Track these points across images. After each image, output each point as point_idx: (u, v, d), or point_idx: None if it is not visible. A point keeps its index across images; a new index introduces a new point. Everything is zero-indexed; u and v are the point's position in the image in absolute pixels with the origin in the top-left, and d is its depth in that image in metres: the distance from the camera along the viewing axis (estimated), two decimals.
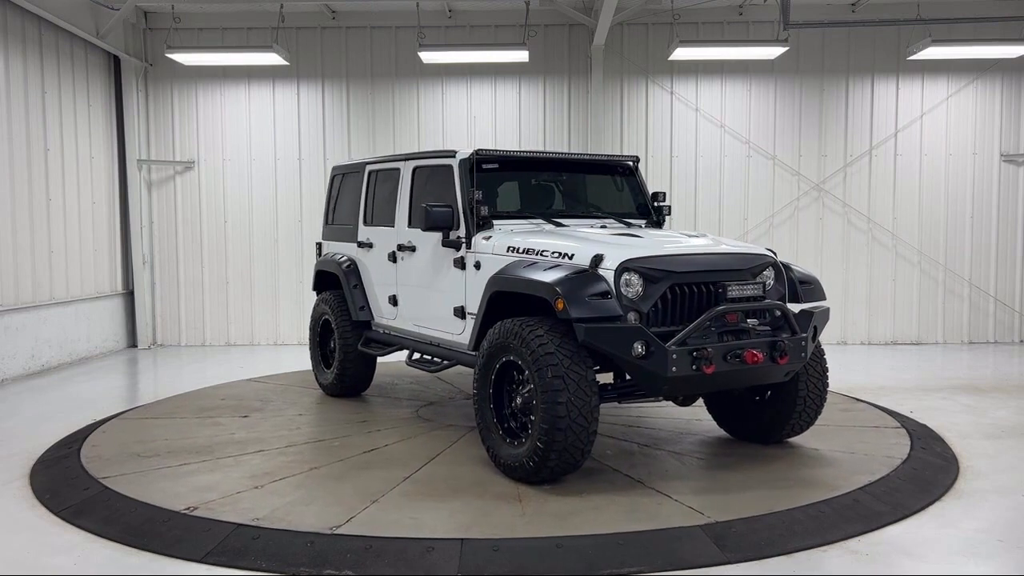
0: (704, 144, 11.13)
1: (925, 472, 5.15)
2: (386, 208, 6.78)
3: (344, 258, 7.29)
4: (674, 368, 4.48)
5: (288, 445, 5.75)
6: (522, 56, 10.09)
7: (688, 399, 5.46)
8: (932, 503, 4.65)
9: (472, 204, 5.60)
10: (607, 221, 6.10)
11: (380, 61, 11.15)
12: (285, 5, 10.35)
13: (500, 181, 6.12)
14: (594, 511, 4.40)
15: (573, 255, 4.86)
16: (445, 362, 6.17)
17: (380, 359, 7.47)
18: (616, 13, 9.88)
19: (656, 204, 6.49)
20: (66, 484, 4.98)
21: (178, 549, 4.02)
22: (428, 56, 10.09)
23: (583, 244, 4.93)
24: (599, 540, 4.02)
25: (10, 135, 8.85)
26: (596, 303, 4.51)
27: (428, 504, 4.52)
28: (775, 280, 5.23)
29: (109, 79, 10.89)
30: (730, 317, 4.81)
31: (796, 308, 5.16)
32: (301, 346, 10.30)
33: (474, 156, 5.76)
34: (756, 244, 6.22)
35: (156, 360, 10.28)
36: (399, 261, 6.54)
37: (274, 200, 11.24)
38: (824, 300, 5.47)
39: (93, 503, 4.63)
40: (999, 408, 7.10)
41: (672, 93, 11.09)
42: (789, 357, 4.81)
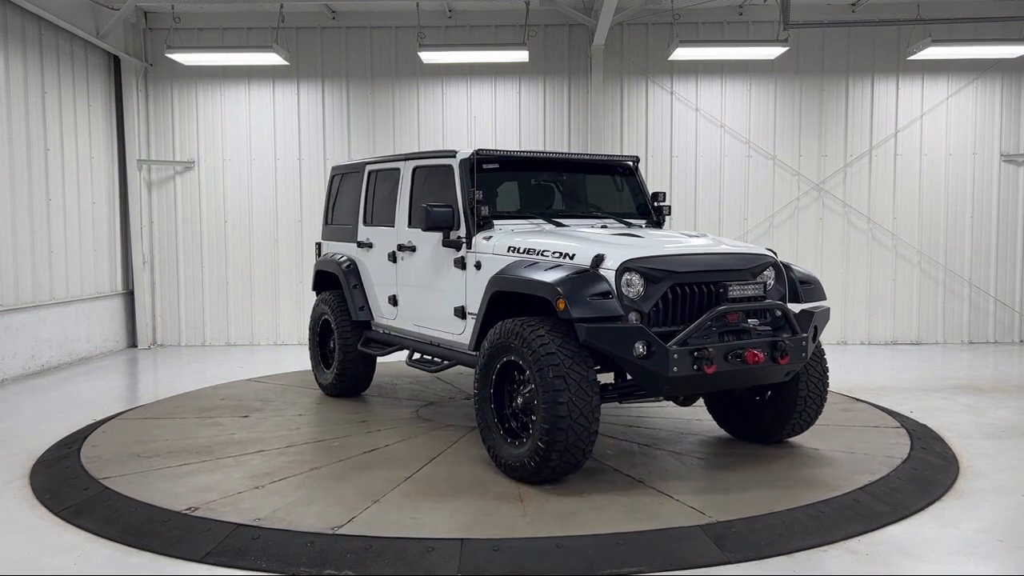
0: (704, 144, 11.13)
1: (925, 472, 5.16)
2: (386, 208, 6.78)
3: (344, 258, 7.29)
4: (675, 368, 4.48)
5: (288, 445, 5.75)
6: (522, 56, 10.09)
7: (689, 399, 5.47)
8: (932, 503, 4.65)
9: (472, 204, 5.60)
10: (607, 221, 6.10)
11: (380, 61, 11.15)
12: (285, 5, 10.35)
13: (500, 181, 6.12)
14: (595, 511, 4.39)
15: (574, 255, 4.85)
16: (445, 362, 6.17)
17: (379, 359, 7.47)
18: (616, 13, 9.88)
19: (656, 204, 6.49)
20: (66, 484, 4.98)
21: (178, 549, 4.02)
22: (428, 56, 10.09)
23: (584, 244, 4.93)
24: (599, 540, 4.02)
25: (10, 135, 8.85)
26: (597, 303, 4.51)
27: (429, 504, 4.52)
28: (775, 280, 5.23)
29: (109, 79, 10.89)
30: (731, 317, 4.82)
31: (796, 308, 5.17)
32: (301, 346, 10.30)
33: (474, 156, 5.76)
34: (756, 244, 6.22)
35: (156, 360, 10.28)
36: (399, 261, 6.54)
37: (274, 200, 11.24)
38: (824, 300, 5.47)
39: (93, 503, 4.63)
40: (999, 408, 7.10)
41: (672, 93, 11.09)
42: (790, 357, 4.81)
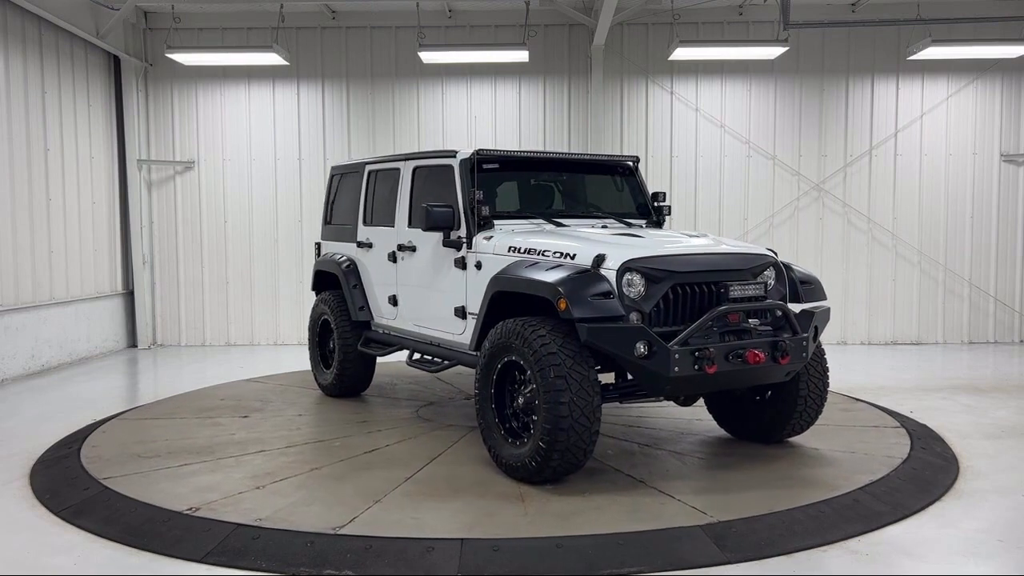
0: (704, 144, 11.13)
1: (925, 472, 5.16)
2: (386, 208, 6.77)
3: (343, 258, 7.28)
4: (676, 368, 4.48)
5: (289, 445, 5.75)
6: (522, 56, 10.09)
7: (689, 399, 5.47)
8: (932, 503, 4.65)
9: (473, 204, 5.59)
10: (608, 221, 6.10)
11: (380, 61, 11.15)
12: (285, 5, 10.35)
13: (500, 181, 6.12)
14: (597, 511, 4.39)
15: (575, 255, 4.85)
16: (445, 362, 6.17)
17: (379, 359, 7.46)
18: (616, 13, 9.87)
19: (656, 204, 6.49)
20: (66, 484, 4.98)
21: (178, 549, 4.02)
22: (428, 56, 10.09)
23: (585, 244, 4.93)
24: (599, 540, 4.02)
25: (10, 135, 8.84)
26: (599, 303, 4.51)
27: (431, 504, 4.52)
28: (776, 280, 5.23)
29: (109, 79, 10.89)
30: (732, 317, 4.82)
31: (797, 308, 5.17)
32: (301, 346, 10.29)
33: (475, 156, 5.76)
34: (756, 244, 6.22)
35: (156, 360, 10.28)
36: (399, 261, 6.54)
37: (274, 200, 11.24)
38: (825, 300, 5.47)
39: (93, 503, 4.63)
40: (999, 408, 7.10)
41: (672, 93, 11.09)
42: (790, 357, 4.81)
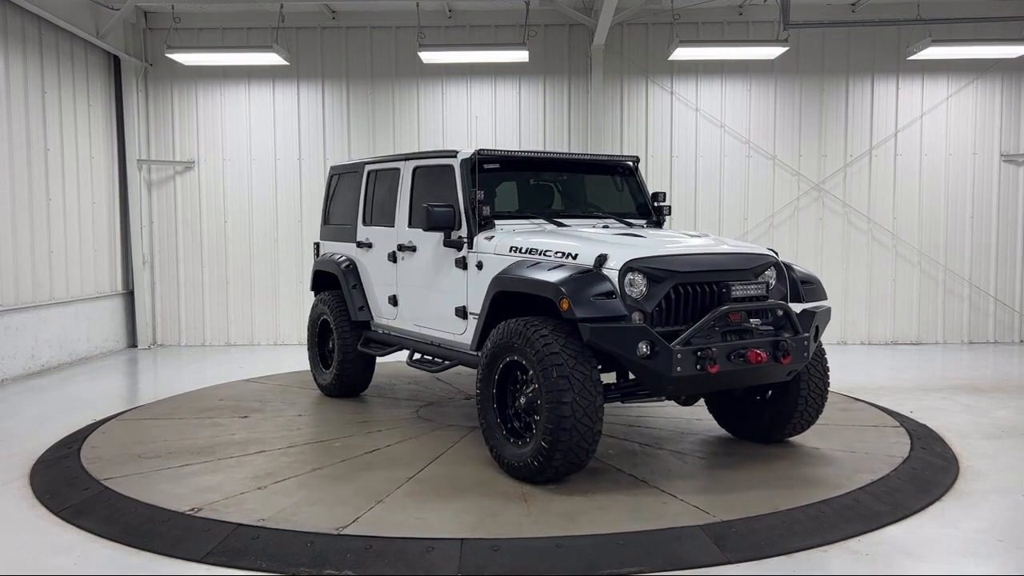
0: (704, 144, 11.13)
1: (925, 472, 5.15)
2: (386, 208, 6.77)
3: (343, 258, 7.28)
4: (679, 368, 4.48)
5: (289, 446, 5.75)
6: (522, 56, 10.09)
7: (691, 399, 5.46)
8: (932, 503, 4.65)
9: (474, 204, 5.59)
10: (609, 221, 6.11)
11: (380, 61, 11.15)
12: (285, 5, 10.34)
13: (501, 181, 6.11)
14: (600, 511, 4.39)
15: (577, 255, 4.85)
16: (446, 362, 6.16)
17: (378, 359, 7.45)
18: (616, 13, 9.87)
19: (656, 204, 6.49)
20: (66, 484, 4.97)
21: (178, 549, 4.01)
22: (428, 56, 10.09)
23: (587, 244, 4.93)
24: (599, 540, 4.02)
25: (10, 135, 8.84)
26: (601, 303, 4.51)
27: (433, 504, 4.51)
28: (777, 280, 5.23)
29: (109, 79, 10.88)
30: (734, 317, 4.82)
31: (798, 308, 5.17)
32: (301, 346, 10.27)
33: (476, 156, 5.76)
34: (757, 244, 6.22)
35: (156, 360, 10.27)
36: (399, 261, 6.53)
37: (274, 200, 11.24)
38: (825, 300, 5.48)
39: (93, 503, 4.63)
40: (999, 408, 7.10)
41: (672, 93, 11.09)
42: (792, 357, 4.81)
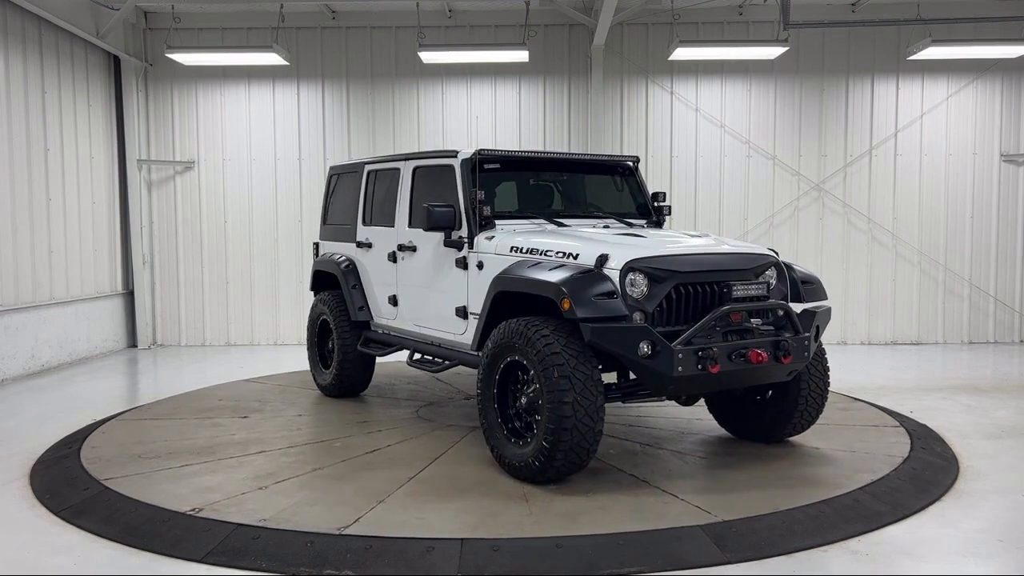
0: (704, 144, 11.13)
1: (925, 472, 5.15)
2: (385, 208, 6.77)
3: (342, 258, 7.28)
4: (680, 368, 4.48)
5: (289, 446, 5.74)
6: (522, 56, 10.09)
7: (691, 398, 5.46)
8: (932, 503, 4.65)
9: (474, 204, 5.59)
10: (609, 221, 6.11)
11: (380, 61, 11.15)
12: (285, 5, 10.34)
13: (501, 181, 6.11)
14: (601, 511, 4.39)
15: (578, 255, 4.85)
16: (446, 362, 6.16)
17: (378, 359, 7.44)
18: (616, 13, 9.87)
19: (656, 204, 6.49)
20: (66, 484, 4.97)
21: (178, 549, 4.01)
22: (428, 56, 10.09)
23: (588, 244, 4.93)
24: (599, 540, 4.02)
25: (10, 135, 8.84)
26: (602, 303, 4.51)
27: (434, 504, 4.51)
28: (777, 280, 5.23)
29: (109, 79, 10.88)
30: (734, 317, 4.82)
31: (798, 308, 5.17)
32: (301, 346, 10.26)
33: (476, 156, 5.76)
34: (757, 244, 6.22)
35: (156, 360, 10.27)
36: (399, 261, 6.53)
37: (274, 200, 11.23)
38: (826, 300, 5.47)
39: (93, 503, 4.62)
40: (999, 408, 7.10)
41: (672, 93, 11.09)
42: (793, 357, 4.82)
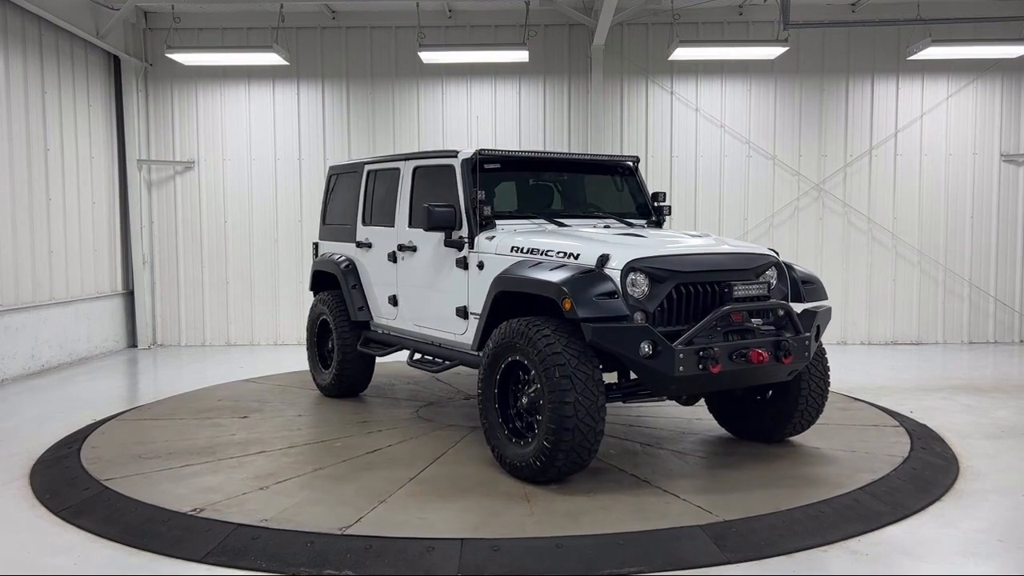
0: (704, 144, 11.13)
1: (925, 472, 5.15)
2: (385, 208, 6.76)
3: (342, 258, 7.27)
4: (681, 368, 4.48)
5: (290, 446, 5.74)
6: (522, 56, 10.09)
7: (692, 398, 5.46)
8: (932, 503, 4.66)
9: (475, 204, 5.59)
10: (610, 221, 6.11)
11: (380, 61, 11.15)
12: (285, 5, 10.34)
13: (501, 181, 6.11)
14: (603, 510, 4.39)
15: (579, 255, 4.85)
16: (446, 362, 6.16)
17: (377, 359, 7.43)
18: (616, 13, 9.87)
19: (656, 204, 6.49)
20: (66, 484, 4.97)
21: (178, 549, 4.01)
22: (428, 56, 10.08)
23: (588, 244, 4.93)
24: (599, 540, 4.02)
25: (10, 135, 8.83)
26: (603, 303, 4.51)
27: (436, 505, 4.51)
28: (778, 280, 5.23)
29: (109, 79, 10.88)
30: (735, 317, 4.83)
31: (799, 308, 5.17)
32: (301, 346, 10.24)
33: (476, 156, 5.76)
34: (757, 244, 6.22)
35: (156, 360, 10.27)
36: (399, 261, 6.53)
37: (274, 200, 11.23)
38: (826, 300, 5.48)
39: (93, 503, 4.62)
40: (999, 408, 7.10)
41: (672, 93, 11.09)
42: (793, 356, 4.82)
